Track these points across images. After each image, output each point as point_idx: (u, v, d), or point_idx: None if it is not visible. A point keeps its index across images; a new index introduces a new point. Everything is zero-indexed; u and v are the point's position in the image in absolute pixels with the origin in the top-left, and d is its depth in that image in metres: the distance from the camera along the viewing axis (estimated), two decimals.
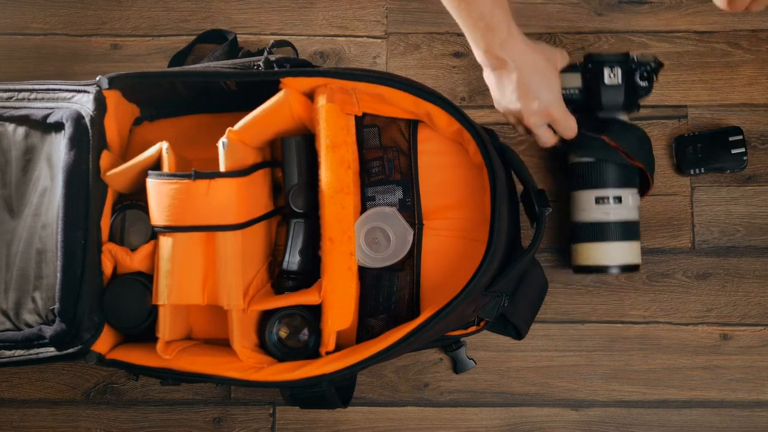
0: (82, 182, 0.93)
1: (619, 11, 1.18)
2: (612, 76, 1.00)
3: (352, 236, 0.93)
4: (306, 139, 0.97)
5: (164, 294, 0.93)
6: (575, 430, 1.10)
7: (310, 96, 0.97)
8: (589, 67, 1.02)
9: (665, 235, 1.13)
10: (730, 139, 1.11)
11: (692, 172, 1.12)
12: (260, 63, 0.97)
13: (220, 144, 0.93)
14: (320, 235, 0.93)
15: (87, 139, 0.93)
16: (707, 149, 1.12)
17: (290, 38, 1.18)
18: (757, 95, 1.15)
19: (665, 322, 1.11)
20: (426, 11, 1.19)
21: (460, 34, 0.95)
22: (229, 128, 0.94)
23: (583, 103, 1.03)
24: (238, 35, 1.16)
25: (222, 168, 0.93)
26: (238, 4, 1.20)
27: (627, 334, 1.11)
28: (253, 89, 0.98)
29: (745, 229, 1.13)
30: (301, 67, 0.97)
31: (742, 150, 1.11)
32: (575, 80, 1.02)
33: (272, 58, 0.97)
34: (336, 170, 0.93)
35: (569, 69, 1.02)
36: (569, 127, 1.00)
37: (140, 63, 1.19)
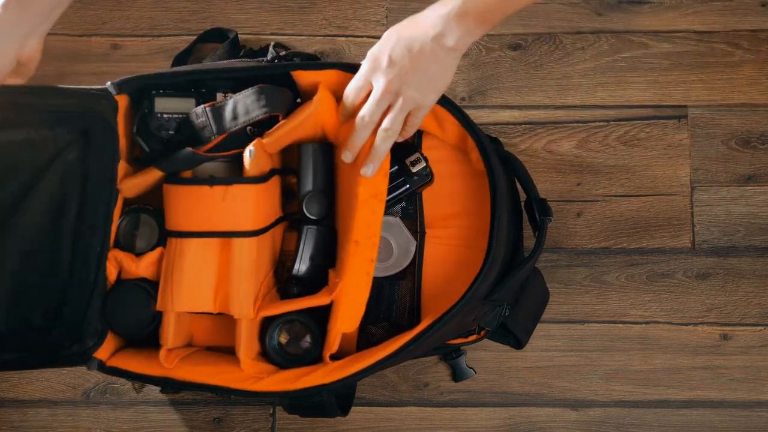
0: (97, 189, 0.92)
1: (619, 11, 1.18)
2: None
3: (377, 243, 0.92)
4: (322, 146, 0.96)
5: (171, 300, 0.92)
6: (575, 430, 1.09)
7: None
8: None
9: (665, 235, 1.13)
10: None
11: None
12: (267, 58, 0.96)
13: (246, 152, 0.91)
14: (336, 240, 0.93)
15: (101, 146, 0.93)
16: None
17: (290, 38, 1.18)
18: (757, 95, 1.15)
19: (665, 322, 1.11)
20: None
21: None
22: (258, 138, 0.93)
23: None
24: (238, 35, 1.16)
25: (244, 175, 0.92)
26: (238, 4, 1.20)
27: (627, 334, 1.11)
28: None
29: (745, 229, 1.13)
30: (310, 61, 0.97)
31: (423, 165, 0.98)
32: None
33: (281, 53, 0.97)
34: (374, 175, 0.92)
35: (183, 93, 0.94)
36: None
37: (140, 63, 1.19)
